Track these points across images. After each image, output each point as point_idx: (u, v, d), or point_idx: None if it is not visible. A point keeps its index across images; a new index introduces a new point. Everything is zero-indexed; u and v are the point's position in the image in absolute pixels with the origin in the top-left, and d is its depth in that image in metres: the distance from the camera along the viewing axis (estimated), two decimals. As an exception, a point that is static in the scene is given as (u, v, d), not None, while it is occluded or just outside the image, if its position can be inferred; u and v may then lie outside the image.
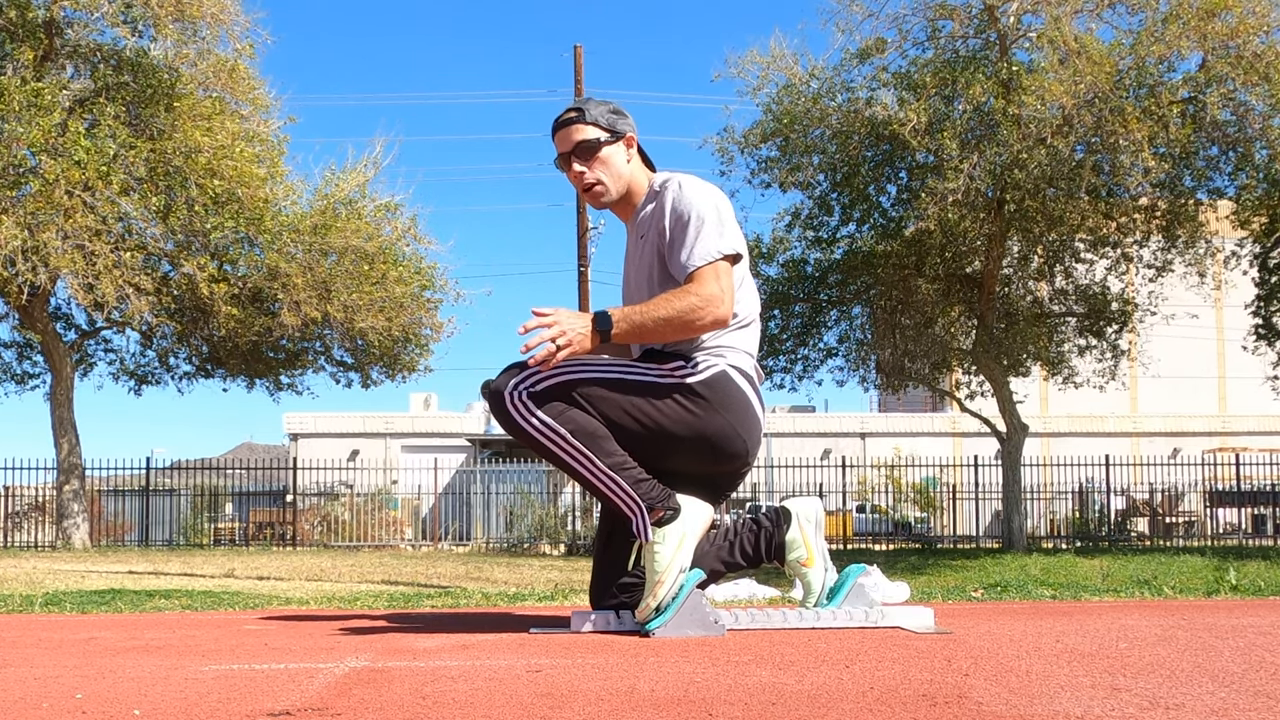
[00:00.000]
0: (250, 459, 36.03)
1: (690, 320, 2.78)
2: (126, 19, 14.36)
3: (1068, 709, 1.73)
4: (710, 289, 2.78)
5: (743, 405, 2.89)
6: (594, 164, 2.98)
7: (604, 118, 2.98)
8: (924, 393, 28.94)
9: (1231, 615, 3.43)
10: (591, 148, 2.96)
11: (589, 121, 2.97)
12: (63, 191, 13.30)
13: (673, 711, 1.74)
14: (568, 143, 2.98)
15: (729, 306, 2.81)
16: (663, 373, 2.84)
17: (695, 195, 2.87)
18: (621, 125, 2.99)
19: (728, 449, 2.88)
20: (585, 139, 2.96)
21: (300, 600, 4.49)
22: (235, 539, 24.48)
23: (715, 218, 2.84)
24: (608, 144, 2.97)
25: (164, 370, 18.47)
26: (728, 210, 2.90)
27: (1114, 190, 12.98)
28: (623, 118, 3.01)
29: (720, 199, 2.91)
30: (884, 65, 13.14)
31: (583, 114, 2.97)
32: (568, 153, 2.99)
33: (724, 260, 2.82)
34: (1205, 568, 8.05)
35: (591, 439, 2.77)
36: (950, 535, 25.78)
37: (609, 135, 2.97)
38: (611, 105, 3.02)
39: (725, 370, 2.87)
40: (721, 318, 2.80)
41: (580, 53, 24.07)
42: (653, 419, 2.81)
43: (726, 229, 2.85)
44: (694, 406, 2.83)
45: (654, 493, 2.81)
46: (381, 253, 16.10)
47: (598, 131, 2.97)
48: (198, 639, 2.85)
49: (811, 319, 15.51)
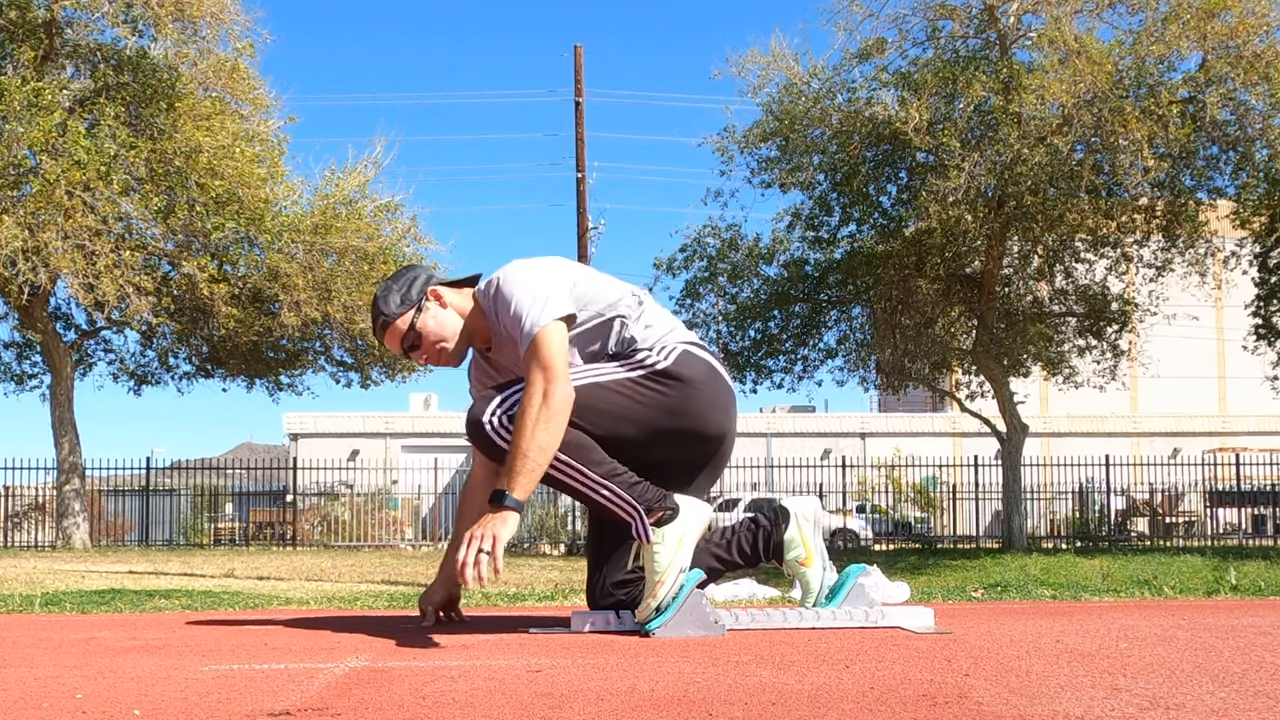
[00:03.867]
0: (250, 459, 36.02)
1: (548, 412, 2.70)
2: (126, 19, 14.36)
3: (1068, 709, 1.73)
4: (537, 368, 2.73)
5: (713, 376, 2.93)
6: (425, 343, 3.00)
7: (402, 302, 2.99)
8: (924, 393, 28.93)
9: (1231, 615, 3.43)
10: (414, 335, 2.99)
11: (395, 316, 2.99)
12: (63, 191, 13.30)
13: (673, 711, 1.74)
14: (396, 344, 3.03)
15: (560, 362, 2.75)
16: (631, 365, 2.87)
17: (508, 289, 2.86)
18: (416, 292, 3.00)
19: (711, 424, 2.92)
20: (403, 332, 2.99)
21: (300, 600, 4.49)
22: (235, 539, 24.47)
23: (529, 296, 2.82)
24: (420, 317, 2.99)
25: (164, 370, 18.47)
26: (550, 279, 2.86)
27: (1114, 190, 12.99)
28: (413, 283, 3.01)
29: (534, 274, 2.88)
30: (884, 65, 13.15)
31: (386, 316, 2.99)
32: (403, 350, 3.04)
33: (551, 327, 2.77)
34: (1205, 568, 8.06)
35: (579, 450, 2.77)
36: (950, 535, 25.77)
37: (415, 311, 2.99)
38: (398, 284, 3.01)
39: (686, 349, 2.91)
40: (556, 378, 2.73)
41: (580, 53, 24.06)
42: (633, 413, 2.83)
43: (551, 299, 2.81)
44: (670, 389, 2.85)
45: (650, 494, 2.81)
46: (382, 253, 16.09)
47: (407, 317, 2.99)
48: (198, 639, 2.85)
49: (811, 319, 15.51)
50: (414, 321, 2.99)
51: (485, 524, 2.68)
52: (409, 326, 2.99)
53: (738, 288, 15.42)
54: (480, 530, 2.66)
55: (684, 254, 15.47)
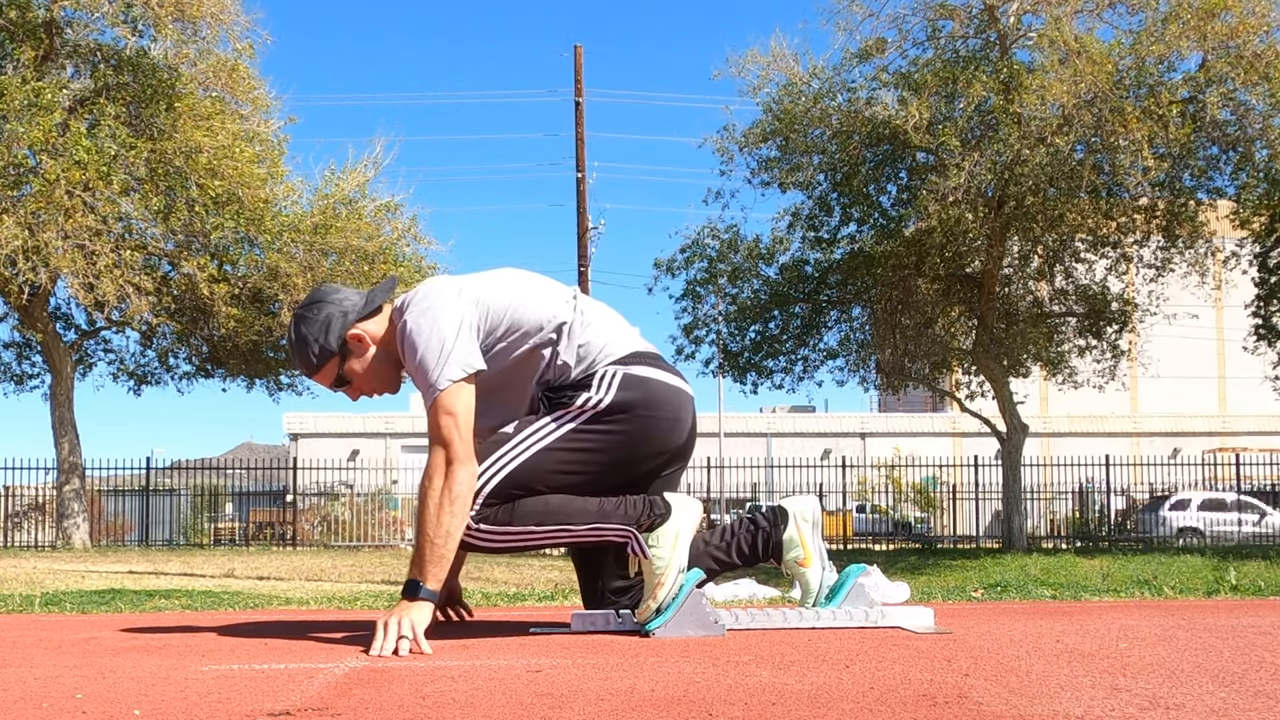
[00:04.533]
0: (250, 459, 36.03)
1: (450, 497, 2.64)
2: (126, 19, 14.36)
3: (1068, 709, 1.73)
4: (438, 445, 2.66)
5: (660, 390, 2.84)
6: (357, 380, 2.91)
7: (325, 348, 2.85)
8: (924, 393, 28.95)
9: (1231, 615, 3.43)
10: (342, 376, 2.90)
11: (319, 363, 2.87)
12: (63, 191, 13.29)
13: (673, 711, 1.74)
14: (328, 384, 2.93)
15: (461, 438, 2.67)
16: (571, 414, 2.77)
17: (412, 337, 2.74)
18: (335, 339, 2.84)
19: (671, 440, 2.87)
20: (333, 378, 2.91)
21: (300, 600, 4.49)
22: (235, 539, 24.47)
23: (434, 348, 2.70)
24: (344, 358, 2.87)
25: (164, 370, 18.46)
26: (458, 322, 2.72)
27: (1114, 190, 12.99)
28: (328, 328, 2.85)
29: (439, 320, 2.72)
30: (884, 65, 13.16)
31: (311, 364, 2.88)
32: (334, 390, 2.96)
33: (452, 392, 2.68)
34: (1205, 568, 8.05)
35: (557, 514, 2.74)
36: (950, 535, 25.78)
37: (336, 354, 2.86)
38: (313, 331, 2.85)
39: (625, 372, 2.81)
40: (457, 458, 2.66)
41: (580, 53, 24.08)
42: (591, 459, 2.78)
43: (455, 354, 2.70)
44: (619, 425, 2.78)
45: (635, 509, 2.79)
46: (382, 253, 16.08)
47: (332, 367, 2.88)
48: (198, 639, 2.85)
49: (811, 319, 15.52)
50: (340, 371, 2.89)
51: (400, 613, 2.55)
52: (336, 370, 2.89)
53: (738, 288, 15.43)
54: (396, 619, 2.53)
55: (684, 254, 15.48)
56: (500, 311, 2.80)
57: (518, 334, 2.80)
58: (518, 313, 2.80)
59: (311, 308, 2.88)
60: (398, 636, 2.48)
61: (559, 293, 2.90)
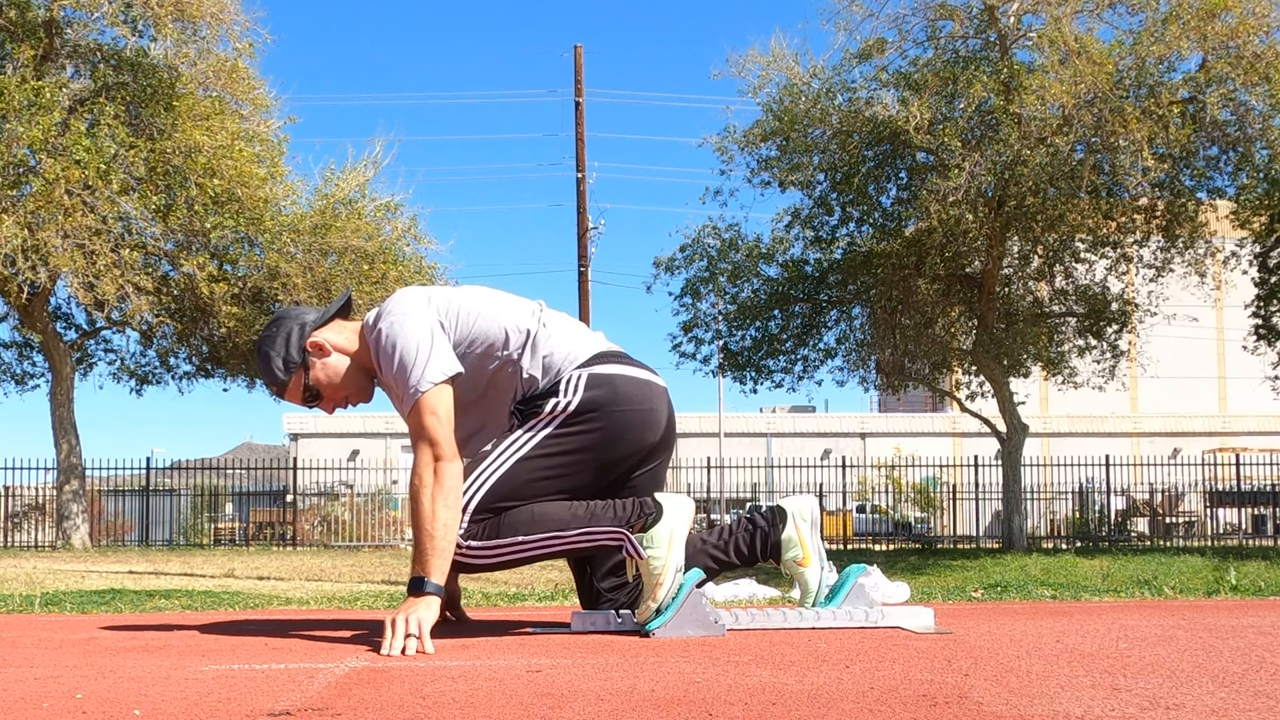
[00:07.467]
0: (250, 459, 36.02)
1: (442, 490, 2.66)
2: (126, 18, 14.36)
3: (1068, 709, 1.73)
4: (424, 444, 2.69)
5: (626, 385, 2.85)
6: (328, 392, 2.93)
7: (286, 367, 2.90)
8: (924, 393, 28.93)
9: (1231, 615, 3.43)
10: (310, 391, 2.93)
11: (284, 379, 2.91)
12: (63, 191, 13.29)
13: (673, 711, 1.74)
14: (298, 401, 2.96)
15: (446, 436, 2.70)
16: (542, 422, 2.80)
17: (389, 343, 2.77)
18: (296, 350, 2.89)
19: (647, 434, 2.88)
20: (300, 393, 2.93)
21: (300, 600, 4.49)
22: (235, 539, 24.47)
23: (411, 351, 2.74)
24: (309, 373, 2.90)
25: (164, 370, 18.45)
26: (432, 329, 2.77)
27: (1114, 190, 12.99)
28: (289, 341, 2.89)
29: (413, 326, 2.76)
30: (884, 65, 13.15)
31: (279, 378, 2.91)
32: (307, 405, 2.99)
33: (434, 394, 2.71)
34: (1205, 568, 8.05)
35: (544, 522, 2.75)
36: (950, 535, 25.77)
37: (300, 367, 2.90)
38: (275, 347, 2.89)
39: (590, 373, 2.83)
40: (444, 456, 2.69)
41: (580, 53, 24.08)
42: (569, 462, 2.79)
43: (434, 357, 2.73)
44: (591, 424, 2.80)
45: (625, 511, 2.79)
46: (382, 253, 16.08)
47: (298, 380, 2.91)
48: (198, 639, 2.85)
49: (811, 319, 15.51)
50: (307, 383, 2.91)
51: (407, 610, 2.58)
52: (303, 385, 2.91)
53: (738, 288, 15.41)
54: (404, 616, 2.55)
55: (684, 254, 15.47)
56: (469, 320, 2.84)
57: (485, 345, 2.84)
58: (485, 321, 2.85)
59: (271, 327, 2.95)
60: (405, 635, 2.51)
61: (524, 305, 2.95)
